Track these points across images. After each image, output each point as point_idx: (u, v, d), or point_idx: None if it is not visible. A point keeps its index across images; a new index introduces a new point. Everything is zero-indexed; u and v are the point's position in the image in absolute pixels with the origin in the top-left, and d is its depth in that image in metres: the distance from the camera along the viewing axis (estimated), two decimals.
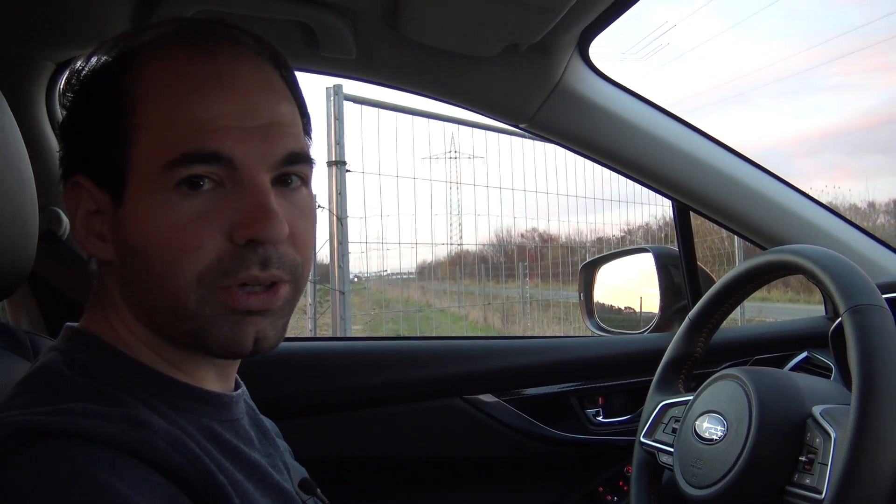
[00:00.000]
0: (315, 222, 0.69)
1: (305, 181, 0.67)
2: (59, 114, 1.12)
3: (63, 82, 0.68)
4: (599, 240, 6.43)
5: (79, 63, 0.67)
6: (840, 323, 0.86)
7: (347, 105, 3.57)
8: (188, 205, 0.60)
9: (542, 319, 7.06)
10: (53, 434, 0.54)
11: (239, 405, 0.72)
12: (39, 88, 1.17)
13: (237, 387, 0.75)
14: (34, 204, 0.79)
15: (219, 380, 0.70)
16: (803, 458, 0.86)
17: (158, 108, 0.61)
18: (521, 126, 1.41)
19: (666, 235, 6.53)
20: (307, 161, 0.66)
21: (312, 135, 0.72)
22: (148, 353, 0.65)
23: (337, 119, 3.52)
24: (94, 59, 0.66)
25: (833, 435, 0.83)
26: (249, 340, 0.63)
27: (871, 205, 13.54)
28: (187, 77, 0.62)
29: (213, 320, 0.61)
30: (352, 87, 3.59)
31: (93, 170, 0.64)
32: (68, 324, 0.68)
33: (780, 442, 0.88)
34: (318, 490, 0.81)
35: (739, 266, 1.09)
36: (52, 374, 0.61)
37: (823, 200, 1.57)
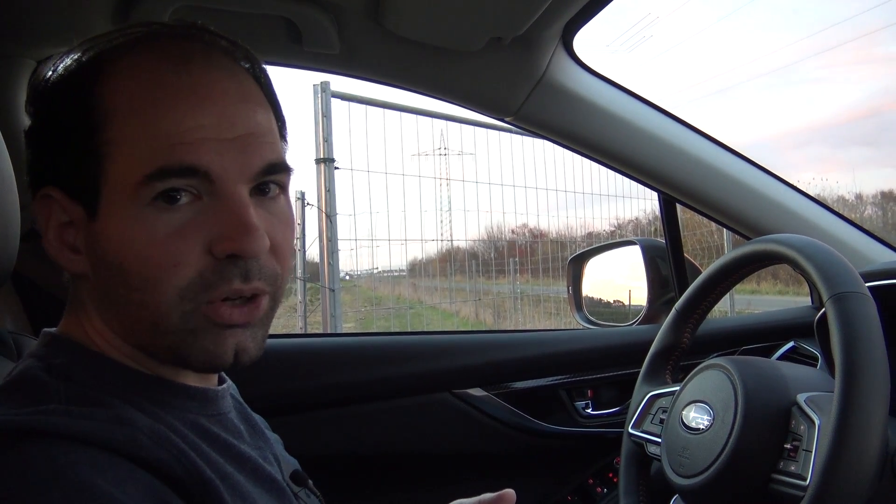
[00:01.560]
0: (294, 230, 0.68)
1: (283, 189, 0.66)
2: None
3: (29, 89, 0.65)
4: (589, 235, 6.44)
5: (46, 70, 0.64)
6: (825, 312, 0.87)
7: (335, 102, 3.56)
8: (165, 219, 0.59)
9: (534, 315, 7.07)
10: (34, 434, 0.53)
11: (225, 399, 0.71)
12: (20, 86, 1.16)
13: (222, 381, 0.74)
14: (16, 203, 0.78)
15: (200, 377, 0.69)
16: (788, 446, 0.86)
17: (131, 122, 0.59)
18: (506, 120, 1.41)
19: (655, 230, 6.54)
20: (285, 170, 0.65)
21: (289, 139, 0.70)
22: (126, 357, 0.64)
23: (325, 116, 3.51)
24: (60, 67, 0.63)
25: (817, 422, 0.84)
26: (230, 353, 0.62)
27: (859, 196, 13.67)
28: (160, 89, 0.60)
29: (194, 335, 0.61)
30: (339, 83, 3.59)
31: (64, 181, 0.62)
32: (45, 329, 0.67)
33: (765, 430, 0.89)
34: (310, 482, 0.81)
35: (724, 256, 1.10)
36: (30, 381, 0.59)
37: (812, 193, 1.58)
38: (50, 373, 0.60)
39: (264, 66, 0.69)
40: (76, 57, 0.63)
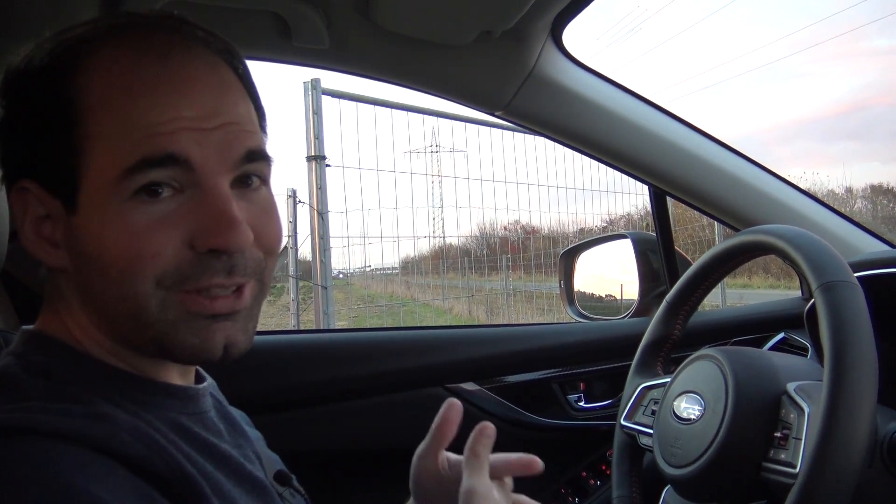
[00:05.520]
0: (278, 217, 0.67)
1: (265, 180, 0.66)
2: None
3: (1, 80, 0.63)
4: (581, 230, 6.45)
5: (20, 61, 0.63)
6: (814, 302, 0.87)
7: (325, 99, 3.55)
8: (146, 212, 0.58)
9: (527, 311, 7.08)
10: (13, 432, 0.52)
11: (205, 398, 0.71)
12: None
13: (203, 380, 0.73)
14: (3, 202, 0.77)
15: (181, 375, 0.69)
16: (778, 434, 0.87)
17: (110, 115, 0.59)
18: (496, 114, 1.41)
19: (647, 225, 6.56)
20: (266, 159, 0.65)
21: (269, 131, 0.70)
22: (107, 353, 0.64)
23: (315, 113, 3.50)
24: (36, 58, 0.62)
25: (807, 410, 0.84)
26: (219, 347, 0.62)
27: (849, 190, 13.74)
28: (139, 82, 0.59)
29: (175, 326, 0.60)
30: (330, 80, 3.58)
31: (41, 175, 0.61)
32: (24, 327, 0.66)
33: (755, 419, 0.89)
34: (294, 481, 0.80)
35: (714, 248, 1.10)
36: (8, 379, 0.59)
37: (802, 187, 1.59)
38: (28, 371, 0.59)
39: (253, 61, 0.69)
40: (51, 48, 0.62)
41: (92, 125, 0.59)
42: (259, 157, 0.64)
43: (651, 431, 1.07)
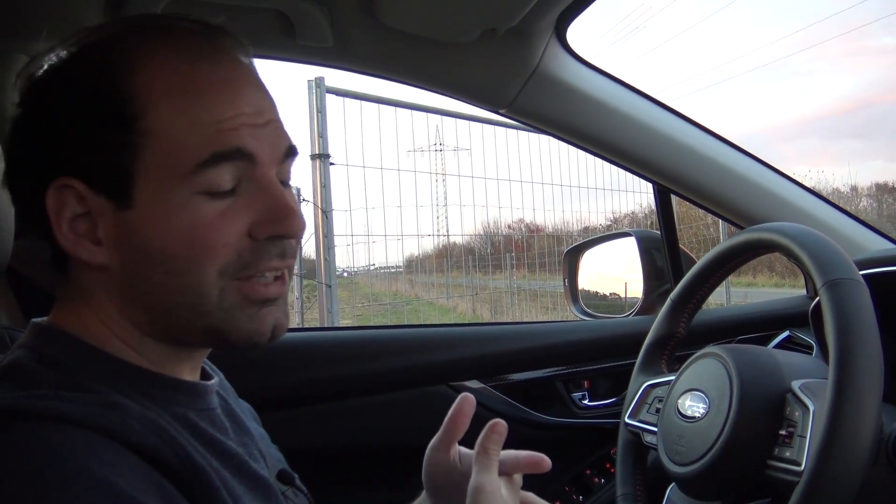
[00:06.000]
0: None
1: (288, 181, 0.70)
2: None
3: (24, 82, 0.64)
4: (586, 229, 6.45)
5: (44, 63, 0.63)
6: (819, 300, 0.87)
7: (330, 97, 3.55)
8: (212, 205, 0.61)
9: (531, 309, 7.08)
10: (26, 416, 0.53)
11: (212, 395, 0.71)
12: (12, 82, 1.15)
13: (210, 377, 0.74)
14: (9, 200, 0.78)
15: (191, 370, 0.70)
16: (783, 432, 0.87)
17: (173, 113, 0.61)
18: (500, 112, 1.41)
19: (652, 223, 6.55)
20: (297, 154, 0.69)
21: None
22: (120, 346, 0.64)
23: (319, 112, 3.50)
24: (65, 58, 0.63)
25: (811, 408, 0.84)
26: (269, 329, 0.66)
27: (854, 188, 13.69)
28: (198, 81, 0.62)
29: (232, 314, 0.63)
30: (334, 79, 3.58)
31: (86, 172, 0.61)
32: (34, 320, 0.67)
33: (760, 417, 0.89)
34: (297, 480, 0.81)
35: (718, 246, 1.10)
36: (20, 370, 0.59)
37: (808, 185, 1.58)
38: (40, 362, 0.60)
39: (257, 59, 0.73)
40: (85, 46, 0.63)
41: (152, 121, 0.61)
42: (295, 153, 0.69)
43: (655, 429, 1.07)
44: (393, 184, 4.15)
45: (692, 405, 0.99)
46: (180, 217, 0.61)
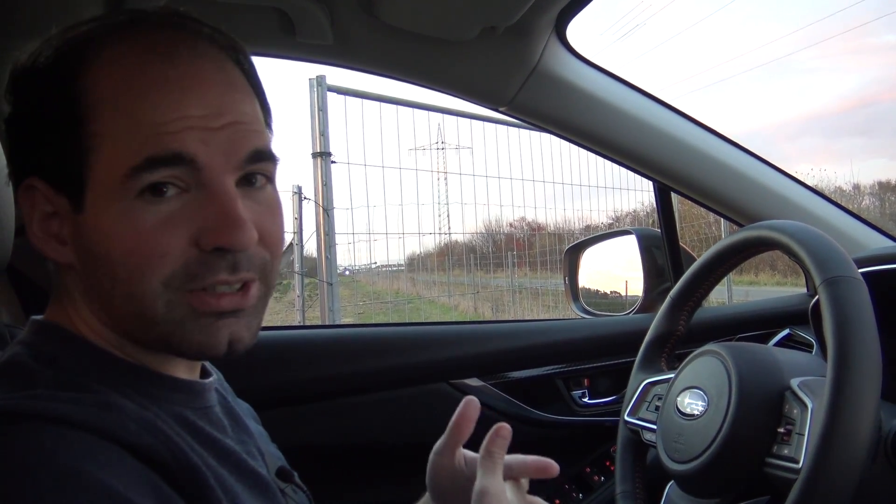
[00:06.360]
0: (282, 217, 0.68)
1: (270, 179, 0.66)
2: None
3: (9, 77, 0.64)
4: (587, 227, 6.44)
5: (27, 58, 0.63)
6: (818, 298, 0.87)
7: (331, 96, 3.55)
8: (153, 211, 0.59)
9: (532, 308, 7.08)
10: (22, 418, 0.53)
11: (210, 393, 0.71)
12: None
13: (209, 375, 0.74)
14: (9, 198, 0.78)
15: (187, 369, 0.70)
16: (782, 430, 0.87)
17: (116, 114, 0.59)
18: (500, 109, 1.41)
19: (653, 222, 6.53)
20: (271, 159, 0.65)
21: (274, 128, 0.70)
22: (112, 346, 0.64)
23: (321, 110, 3.50)
24: (42, 55, 0.62)
25: (810, 405, 0.84)
26: (224, 343, 0.62)
27: (856, 187, 13.67)
28: (146, 81, 0.59)
29: (182, 325, 0.61)
30: (335, 77, 3.58)
31: (48, 173, 0.61)
32: (33, 317, 0.67)
33: (759, 414, 0.89)
34: (296, 477, 0.81)
35: (718, 244, 1.10)
36: (18, 368, 0.59)
37: (809, 183, 1.58)
38: (37, 360, 0.60)
39: (256, 57, 0.69)
40: (56, 46, 0.62)
41: (98, 124, 0.59)
42: (265, 157, 0.64)
43: (655, 427, 1.07)
44: (394, 182, 4.15)
45: (691, 403, 0.99)
46: (121, 223, 0.59)
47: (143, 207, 0.58)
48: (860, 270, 0.86)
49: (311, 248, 3.85)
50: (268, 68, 0.70)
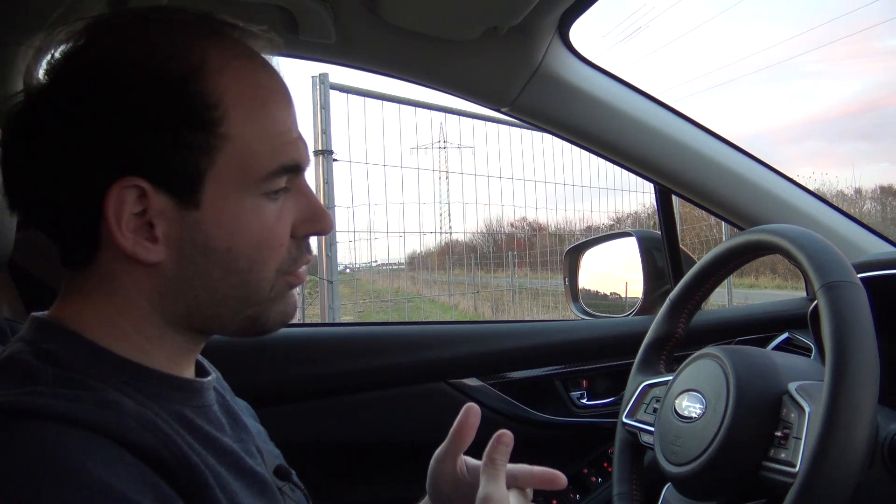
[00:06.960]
0: None
1: None
2: None
3: (54, 72, 0.62)
4: (588, 228, 6.43)
5: (78, 53, 0.62)
6: (817, 302, 0.87)
7: (333, 94, 3.55)
8: (273, 208, 0.66)
9: (532, 308, 7.07)
10: (23, 415, 0.53)
11: (209, 391, 0.71)
12: (15, 74, 1.16)
13: (207, 373, 0.74)
14: None
15: (187, 367, 0.70)
16: (779, 434, 0.87)
17: (244, 119, 0.63)
18: (502, 110, 1.41)
19: (654, 223, 6.52)
20: None
21: None
22: (122, 343, 0.64)
23: (323, 108, 3.50)
24: (118, 52, 0.61)
25: (807, 409, 0.84)
26: (294, 310, 0.72)
27: (858, 191, 13.64)
28: (262, 90, 0.66)
29: (275, 302, 0.69)
30: (338, 75, 3.58)
31: (153, 171, 0.61)
32: (34, 314, 0.66)
33: (756, 418, 0.89)
34: (294, 475, 0.81)
35: (718, 247, 1.10)
36: (18, 364, 0.59)
37: (811, 188, 1.58)
38: (38, 356, 0.60)
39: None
40: (153, 47, 0.62)
41: (228, 126, 0.63)
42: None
43: (652, 429, 1.08)
44: (396, 181, 4.15)
45: (689, 405, 0.99)
46: (249, 219, 0.65)
47: (267, 205, 0.66)
48: (860, 275, 0.86)
49: (312, 245, 3.85)
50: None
